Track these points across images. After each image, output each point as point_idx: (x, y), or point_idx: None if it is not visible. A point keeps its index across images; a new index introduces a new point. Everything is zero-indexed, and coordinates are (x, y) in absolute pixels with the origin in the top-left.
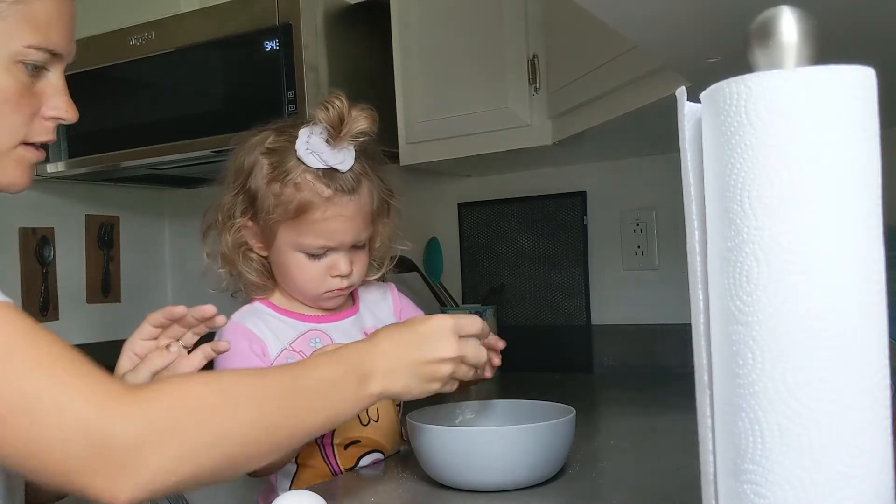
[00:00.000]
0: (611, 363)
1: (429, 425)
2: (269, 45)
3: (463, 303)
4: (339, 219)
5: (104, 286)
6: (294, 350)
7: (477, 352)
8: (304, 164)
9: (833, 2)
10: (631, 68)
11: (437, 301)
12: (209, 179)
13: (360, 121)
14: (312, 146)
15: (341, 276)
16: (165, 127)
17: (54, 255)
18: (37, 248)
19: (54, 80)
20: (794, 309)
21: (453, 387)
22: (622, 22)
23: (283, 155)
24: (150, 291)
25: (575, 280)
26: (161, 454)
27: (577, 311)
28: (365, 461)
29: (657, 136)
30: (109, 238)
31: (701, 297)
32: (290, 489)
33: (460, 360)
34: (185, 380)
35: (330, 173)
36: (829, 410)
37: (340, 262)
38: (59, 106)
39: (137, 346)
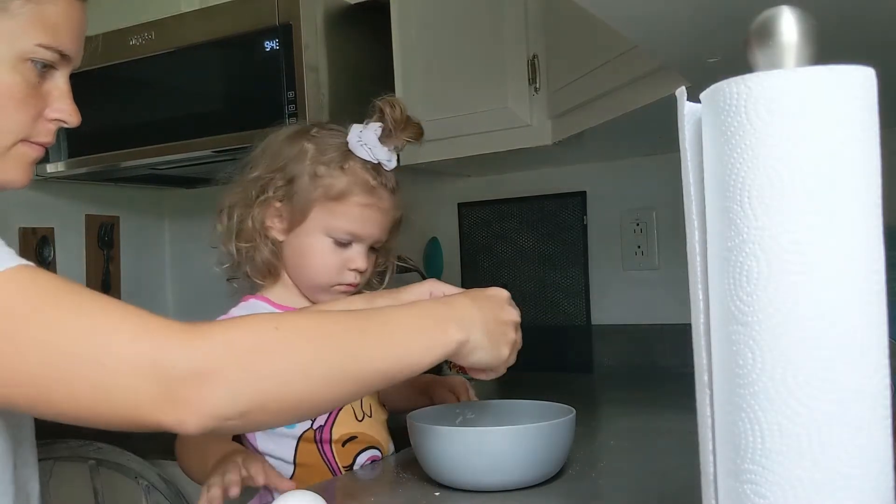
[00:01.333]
0: (611, 363)
1: (429, 425)
2: (269, 45)
3: None
4: (376, 209)
5: (104, 286)
6: None
7: (521, 338)
8: (353, 154)
9: (833, 2)
10: (631, 68)
11: None
12: (209, 179)
13: (414, 127)
14: (365, 139)
15: (356, 271)
16: (165, 127)
17: (54, 255)
18: (37, 248)
19: (60, 83)
20: (794, 309)
21: (512, 360)
22: (622, 22)
23: (331, 142)
24: (150, 291)
25: (575, 280)
26: (225, 382)
27: (577, 311)
28: (362, 458)
29: (657, 136)
30: (109, 238)
31: (701, 297)
32: None
33: (516, 330)
34: (243, 318)
35: (376, 167)
36: (829, 410)
37: (359, 256)
38: (63, 109)
39: None
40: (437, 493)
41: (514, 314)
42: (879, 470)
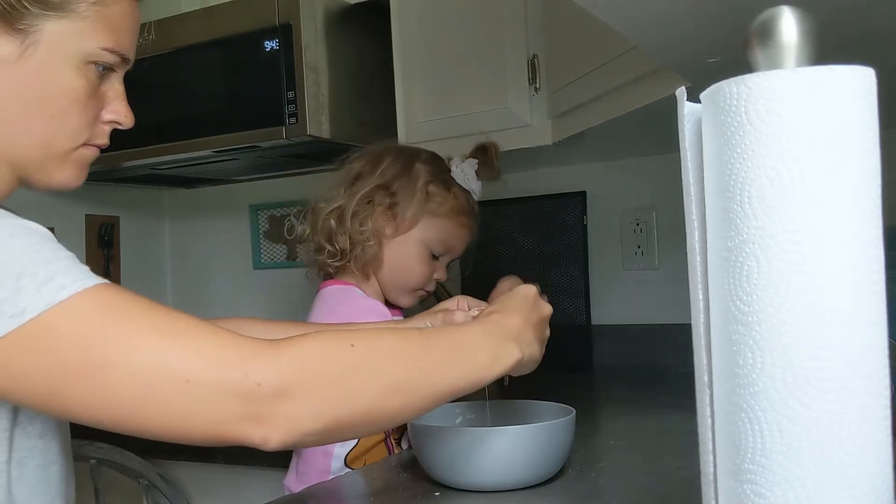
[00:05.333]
0: (611, 363)
1: (429, 425)
2: (269, 45)
3: None
4: (468, 231)
5: None
6: None
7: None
8: (455, 181)
9: (833, 2)
10: (631, 68)
11: (436, 301)
12: (209, 179)
13: (499, 171)
14: (465, 171)
15: (437, 281)
16: (165, 127)
17: None
18: None
19: (116, 85)
20: (794, 309)
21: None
22: (622, 22)
23: (440, 168)
24: (150, 291)
25: (575, 280)
26: (308, 400)
27: (577, 311)
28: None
29: (657, 136)
30: (109, 238)
31: (701, 297)
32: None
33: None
34: (320, 334)
35: (470, 196)
36: (829, 410)
37: (442, 270)
38: (118, 110)
39: None
40: (437, 493)
41: (546, 308)
42: (879, 470)
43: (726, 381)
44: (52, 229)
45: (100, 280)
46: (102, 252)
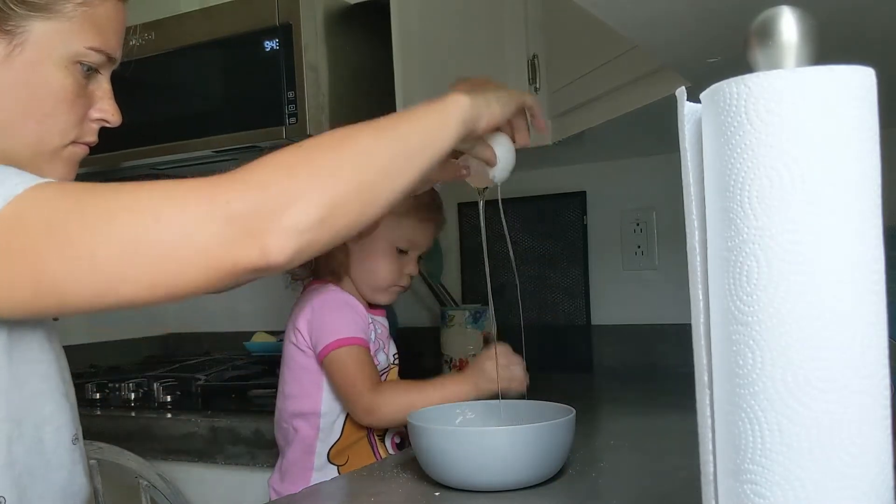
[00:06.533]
0: (611, 363)
1: (429, 425)
2: (269, 45)
3: (463, 303)
4: (433, 225)
5: None
6: None
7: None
8: None
9: (833, 2)
10: (631, 68)
11: (437, 301)
12: None
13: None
14: None
15: (409, 276)
16: (165, 127)
17: None
18: None
19: (104, 84)
20: (794, 309)
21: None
22: (622, 22)
23: None
24: None
25: (575, 280)
26: (288, 196)
27: (577, 311)
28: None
29: (657, 136)
30: None
31: (701, 297)
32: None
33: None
34: (284, 149)
35: (432, 190)
36: (829, 410)
37: (412, 263)
38: (106, 109)
39: None
40: (437, 493)
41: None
42: (879, 470)
43: (726, 381)
44: None
45: (50, 179)
46: None
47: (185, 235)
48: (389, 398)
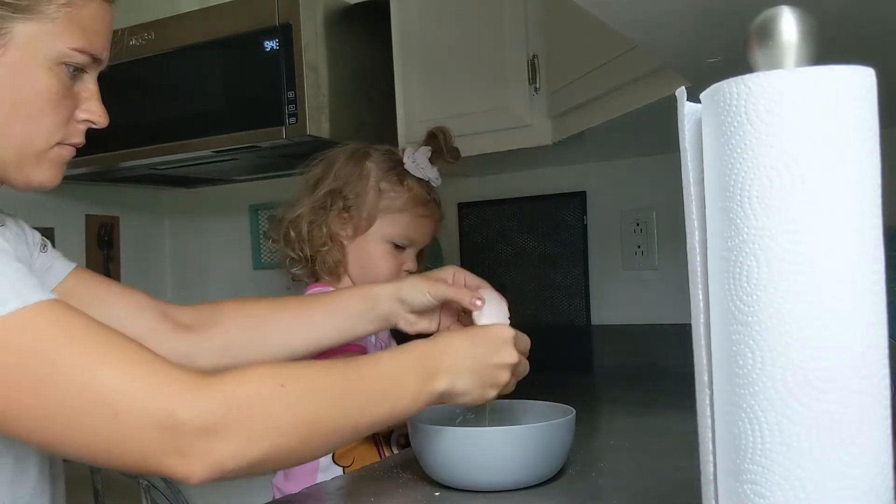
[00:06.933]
0: (611, 363)
1: (429, 425)
2: (269, 45)
3: None
4: (429, 220)
5: None
6: None
7: (525, 366)
8: (409, 172)
9: (833, 2)
10: (631, 68)
11: None
12: (209, 179)
13: (455, 152)
14: (417, 161)
15: (408, 272)
16: (165, 127)
17: None
18: None
19: (90, 85)
20: (794, 309)
21: (511, 387)
22: (622, 22)
23: (390, 164)
24: (150, 291)
25: (575, 280)
26: (233, 438)
27: (577, 311)
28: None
29: (657, 136)
30: (109, 238)
31: (701, 297)
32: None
33: (514, 369)
34: (250, 371)
35: (428, 184)
36: (829, 410)
37: (410, 260)
38: (92, 110)
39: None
40: (437, 493)
41: (510, 356)
42: (879, 470)
43: (726, 381)
44: (51, 229)
45: (46, 296)
46: (102, 252)
47: (128, 437)
48: None
